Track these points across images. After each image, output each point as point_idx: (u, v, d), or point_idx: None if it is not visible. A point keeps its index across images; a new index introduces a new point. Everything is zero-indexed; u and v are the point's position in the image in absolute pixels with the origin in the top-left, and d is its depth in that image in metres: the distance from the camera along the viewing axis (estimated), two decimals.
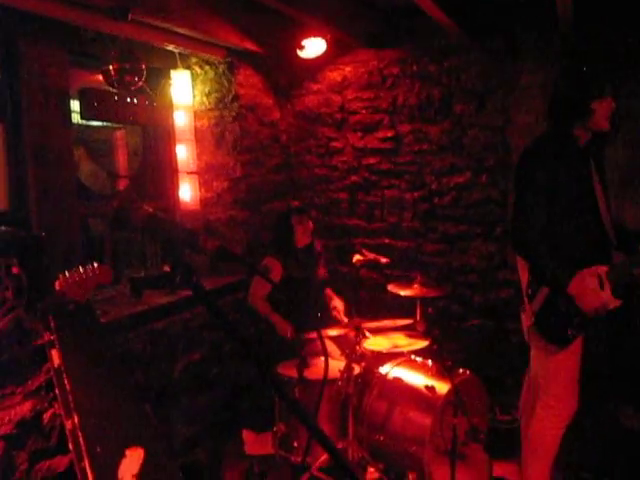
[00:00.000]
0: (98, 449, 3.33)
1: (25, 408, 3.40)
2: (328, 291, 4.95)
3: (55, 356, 3.37)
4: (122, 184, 5.33)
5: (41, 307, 2.70)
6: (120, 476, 3.41)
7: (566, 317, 3.29)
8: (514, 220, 3.40)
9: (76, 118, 4.38)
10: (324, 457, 3.97)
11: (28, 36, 3.82)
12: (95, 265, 2.87)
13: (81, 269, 2.72)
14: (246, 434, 4.70)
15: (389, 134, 5.50)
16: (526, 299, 3.39)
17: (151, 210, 1.38)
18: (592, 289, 3.20)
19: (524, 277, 3.42)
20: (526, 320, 3.44)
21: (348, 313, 4.67)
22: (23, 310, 3.18)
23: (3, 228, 3.41)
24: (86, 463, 3.29)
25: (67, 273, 2.73)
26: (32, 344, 3.32)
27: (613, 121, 3.31)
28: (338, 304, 4.85)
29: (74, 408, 3.32)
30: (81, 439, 3.31)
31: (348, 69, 5.63)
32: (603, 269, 3.24)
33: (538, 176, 3.27)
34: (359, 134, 5.65)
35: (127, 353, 4.02)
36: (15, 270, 3.19)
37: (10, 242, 3.24)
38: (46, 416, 3.52)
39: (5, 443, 3.28)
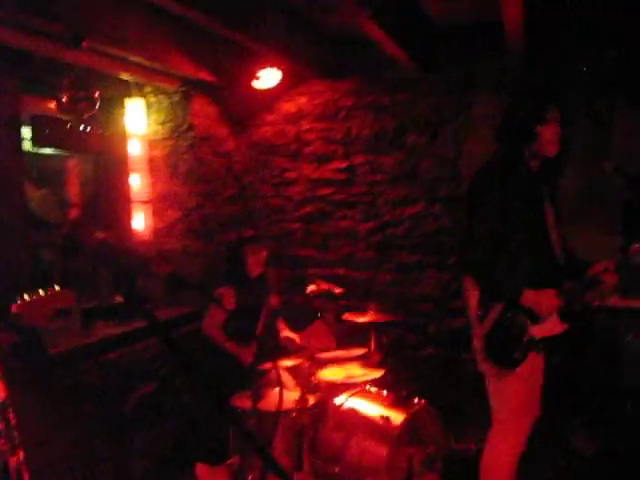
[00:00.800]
0: None
1: None
2: (280, 322, 4.91)
3: (0, 389, 3.27)
4: (73, 213, 5.24)
5: None
6: None
7: (514, 338, 3.31)
8: (465, 240, 3.43)
9: (27, 145, 4.31)
10: None
11: None
12: (56, 288, 2.80)
13: (41, 292, 2.65)
14: (199, 468, 4.60)
15: (343, 165, 5.54)
16: (477, 321, 3.40)
17: (103, 236, 1.36)
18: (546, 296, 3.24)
19: (473, 300, 3.40)
20: (477, 343, 3.45)
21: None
22: None
23: None
24: None
25: (26, 296, 2.65)
26: None
27: (562, 149, 3.38)
28: (291, 334, 4.81)
29: (19, 444, 3.22)
30: (26, 476, 3.21)
31: (303, 100, 5.66)
32: (551, 293, 3.28)
33: (488, 198, 3.31)
34: (314, 165, 5.67)
35: (78, 386, 3.92)
36: None
37: None
38: None
39: None
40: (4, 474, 3.37)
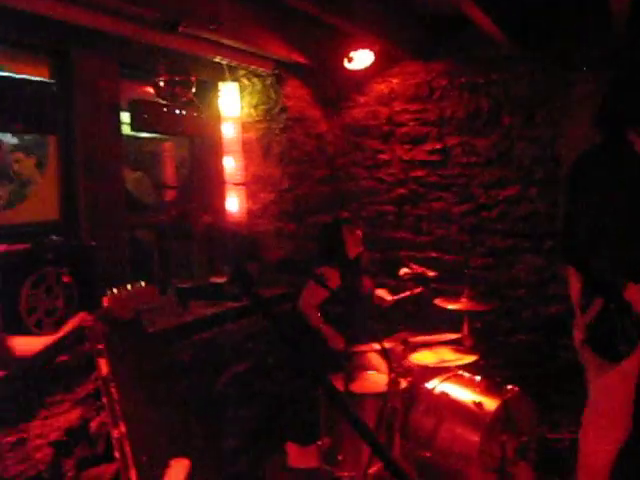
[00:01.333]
0: (144, 458, 3.36)
1: (73, 416, 3.43)
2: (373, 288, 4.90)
3: (103, 365, 3.39)
4: (169, 195, 5.37)
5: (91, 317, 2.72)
6: None
7: (620, 330, 3.19)
8: (565, 227, 3.32)
9: (126, 129, 4.43)
10: (369, 471, 3.93)
11: (80, 48, 3.88)
12: (143, 284, 2.89)
13: (129, 287, 2.74)
14: (290, 447, 4.67)
15: (437, 146, 5.46)
16: (578, 311, 3.29)
17: (211, 220, 1.38)
18: None
19: (575, 288, 3.30)
20: (578, 334, 3.35)
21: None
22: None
23: (54, 238, 3.46)
24: (132, 472, 3.31)
25: (115, 290, 2.75)
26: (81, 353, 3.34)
27: None
28: (382, 293, 4.82)
29: (121, 417, 3.35)
30: (127, 448, 3.33)
31: (395, 81, 5.61)
32: None
33: (590, 183, 3.20)
34: (406, 146, 5.61)
35: (173, 363, 4.03)
36: (66, 279, 3.23)
37: (61, 251, 3.29)
38: (93, 424, 3.55)
39: (54, 449, 3.31)
40: (107, 445, 3.53)
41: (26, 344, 2.74)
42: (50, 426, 3.32)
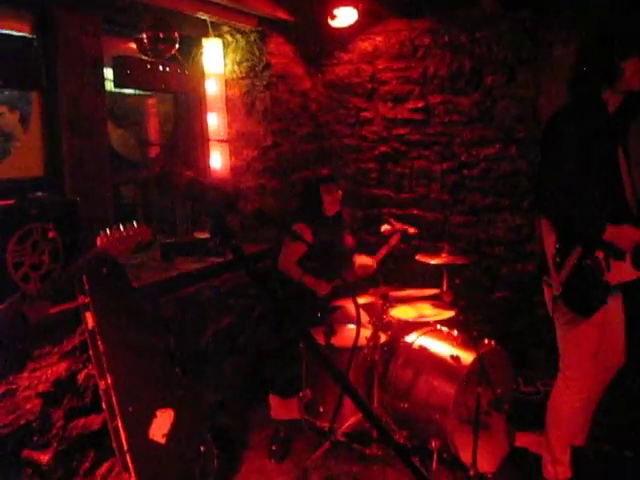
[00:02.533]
0: (130, 409, 3.45)
1: (61, 368, 3.51)
2: (355, 255, 4.96)
3: (89, 318, 3.48)
4: (153, 151, 5.39)
5: (79, 264, 2.76)
6: (151, 435, 3.54)
7: (592, 285, 3.30)
8: (540, 182, 3.40)
9: (109, 86, 4.43)
10: (348, 423, 4.05)
11: (62, 4, 3.85)
12: (135, 224, 2.94)
13: (121, 227, 2.78)
14: (272, 399, 4.78)
15: (419, 105, 5.49)
16: (553, 268, 3.38)
17: (192, 174, 1.43)
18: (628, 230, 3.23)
19: (550, 244, 3.39)
20: (552, 290, 3.45)
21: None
22: (59, 273, 3.26)
23: (39, 194, 3.49)
24: (119, 422, 3.42)
25: (108, 231, 2.79)
26: (67, 306, 3.41)
27: None
28: (365, 260, 4.88)
29: (107, 369, 3.44)
30: (114, 399, 3.43)
31: (379, 39, 5.60)
32: (631, 228, 3.25)
33: (565, 139, 3.28)
34: (389, 104, 5.64)
35: (158, 318, 4.11)
36: (51, 234, 3.27)
37: (46, 207, 3.33)
38: (80, 376, 3.63)
39: (42, 400, 3.39)
40: (94, 396, 3.62)
41: None
42: (38, 378, 3.40)
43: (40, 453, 3.40)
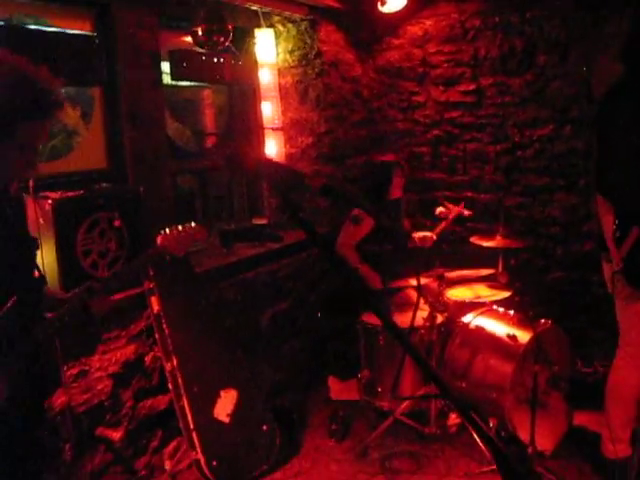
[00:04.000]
0: (195, 389, 3.60)
1: (129, 351, 3.67)
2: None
3: (154, 303, 3.63)
4: (210, 141, 5.51)
5: (141, 260, 2.89)
6: (215, 414, 3.67)
7: None
8: (598, 161, 3.39)
9: (166, 79, 4.55)
10: (407, 403, 4.12)
11: (120, 1, 3.98)
12: (192, 224, 3.05)
13: (180, 227, 2.90)
14: (332, 380, 4.89)
15: (471, 87, 5.48)
16: (612, 244, 3.33)
17: (260, 155, 1.52)
18: None
19: (608, 222, 3.35)
20: (612, 267, 3.42)
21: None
22: (125, 260, 3.40)
23: (104, 185, 3.63)
24: (185, 402, 3.57)
25: (167, 230, 2.91)
26: (134, 292, 3.55)
27: None
28: (426, 233, 4.91)
29: (173, 351, 3.59)
30: (180, 380, 3.58)
31: (429, 23, 5.61)
32: None
33: (621, 116, 3.25)
34: (441, 88, 5.65)
35: (219, 301, 4.23)
36: (117, 223, 3.41)
37: (111, 197, 3.47)
38: (147, 358, 3.79)
39: (113, 381, 3.55)
40: (161, 377, 3.77)
41: None
42: (108, 360, 3.56)
43: (112, 431, 3.57)
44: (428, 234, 4.85)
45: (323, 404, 4.77)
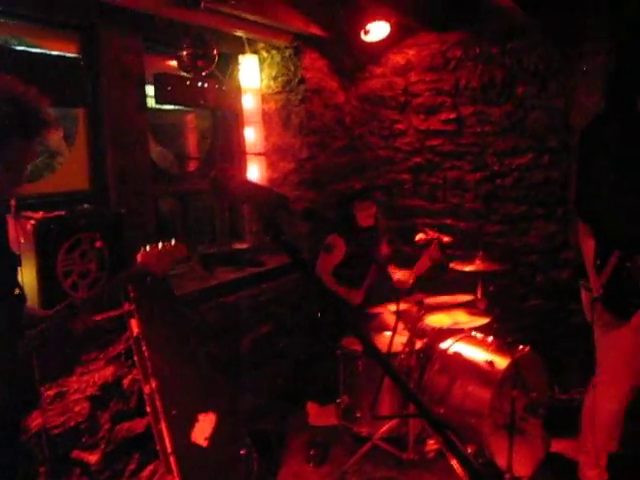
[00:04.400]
0: (174, 412, 3.57)
1: (107, 373, 3.64)
2: (392, 267, 5.02)
3: (134, 325, 3.61)
4: (192, 165, 5.54)
5: (122, 278, 2.90)
6: (194, 438, 3.65)
7: (632, 288, 3.32)
8: (580, 189, 3.44)
9: (150, 102, 4.58)
10: (385, 428, 4.13)
11: (106, 24, 4.02)
12: (172, 241, 3.06)
13: (160, 244, 2.91)
14: (310, 406, 4.88)
15: (452, 116, 5.56)
16: (593, 271, 3.38)
17: (244, 178, 1.55)
18: None
19: (589, 249, 3.40)
20: (590, 295, 3.46)
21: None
22: (105, 281, 3.40)
23: (86, 206, 3.63)
24: (163, 425, 3.54)
25: (147, 247, 2.92)
26: (113, 314, 3.53)
27: None
28: (401, 275, 4.89)
29: (152, 374, 3.56)
30: (158, 403, 3.55)
31: (411, 52, 5.70)
32: None
33: (602, 145, 3.32)
34: (422, 116, 5.72)
35: (200, 325, 4.23)
36: (98, 244, 3.41)
37: (93, 218, 3.47)
38: (126, 381, 3.75)
39: (90, 403, 3.52)
40: (139, 400, 3.74)
41: None
42: (86, 382, 3.53)
43: (88, 454, 3.53)
44: (406, 276, 4.89)
45: (302, 429, 4.76)
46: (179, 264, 4.45)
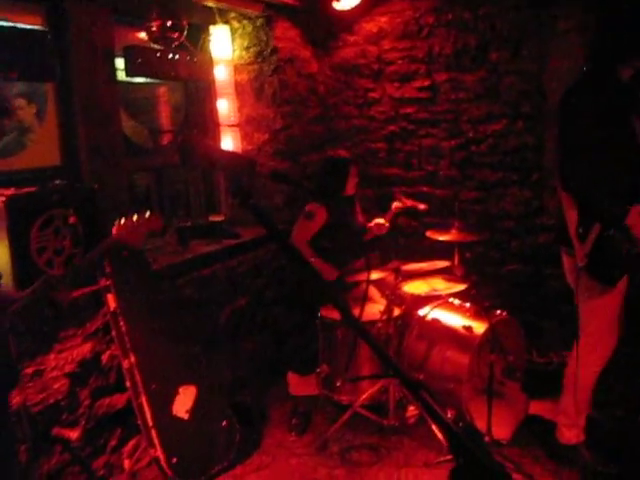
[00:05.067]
0: (154, 386, 3.58)
1: (85, 349, 3.63)
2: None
3: (111, 300, 3.60)
4: (166, 139, 5.48)
5: (97, 252, 2.88)
6: (175, 411, 3.66)
7: (616, 255, 3.35)
8: (562, 159, 3.43)
9: (121, 75, 4.51)
10: (365, 395, 4.16)
11: None
12: (147, 213, 3.04)
13: (134, 217, 2.88)
14: (291, 376, 4.90)
15: (426, 83, 5.53)
16: (576, 240, 3.39)
17: (211, 142, 1.54)
18: None
19: (572, 218, 3.41)
20: (573, 260, 3.48)
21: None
22: (80, 257, 3.37)
23: (59, 182, 3.59)
24: (143, 399, 3.55)
25: (122, 220, 2.90)
26: (89, 289, 3.52)
27: None
28: (380, 220, 4.92)
29: (130, 348, 3.57)
30: (138, 377, 3.56)
31: (383, 20, 5.64)
32: None
33: (583, 115, 3.31)
34: (396, 84, 5.69)
35: (177, 298, 4.21)
36: (72, 220, 3.37)
37: (66, 194, 3.43)
38: (104, 357, 3.76)
39: (69, 380, 3.52)
40: (118, 376, 3.74)
41: None
42: (65, 359, 3.52)
43: (69, 431, 3.53)
44: (381, 221, 4.88)
45: (283, 399, 4.78)
46: (155, 236, 4.44)
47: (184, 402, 3.73)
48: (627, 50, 3.31)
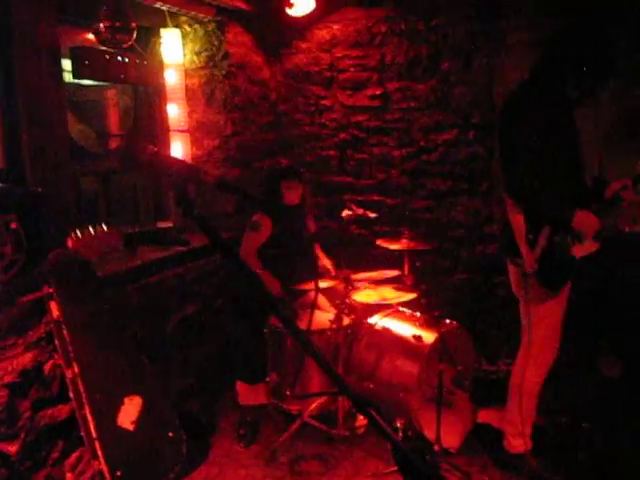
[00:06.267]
0: (98, 397, 3.48)
1: (27, 359, 3.51)
2: (317, 248, 5.00)
3: (54, 308, 3.49)
4: (114, 143, 5.38)
5: (46, 267, 2.79)
6: (120, 422, 3.56)
7: (564, 261, 3.39)
8: (506, 165, 3.46)
9: (68, 77, 4.41)
10: (315, 405, 4.12)
11: None
12: (105, 228, 2.95)
13: (91, 230, 2.81)
14: (239, 385, 4.83)
15: (377, 92, 5.55)
16: (526, 246, 3.41)
17: (155, 149, 1.48)
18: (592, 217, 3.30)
19: (518, 223, 3.43)
20: (519, 270, 3.51)
21: (337, 268, 4.75)
22: (22, 264, 3.27)
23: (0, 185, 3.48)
24: (87, 410, 3.44)
25: (79, 233, 2.81)
26: (32, 297, 3.41)
27: (608, 69, 3.39)
28: (327, 263, 4.91)
29: (74, 358, 3.46)
30: (81, 388, 3.45)
31: (337, 27, 5.64)
32: (591, 214, 3.33)
33: (528, 124, 3.33)
34: (348, 92, 5.69)
35: (123, 306, 4.12)
36: (13, 225, 3.27)
37: (7, 198, 3.32)
38: (47, 367, 3.64)
39: (9, 391, 3.39)
40: (61, 386, 3.63)
41: None
42: (4, 369, 3.39)
43: (8, 444, 3.41)
44: (331, 268, 4.85)
45: (231, 409, 4.71)
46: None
47: (129, 413, 3.63)
48: (573, 71, 3.37)
